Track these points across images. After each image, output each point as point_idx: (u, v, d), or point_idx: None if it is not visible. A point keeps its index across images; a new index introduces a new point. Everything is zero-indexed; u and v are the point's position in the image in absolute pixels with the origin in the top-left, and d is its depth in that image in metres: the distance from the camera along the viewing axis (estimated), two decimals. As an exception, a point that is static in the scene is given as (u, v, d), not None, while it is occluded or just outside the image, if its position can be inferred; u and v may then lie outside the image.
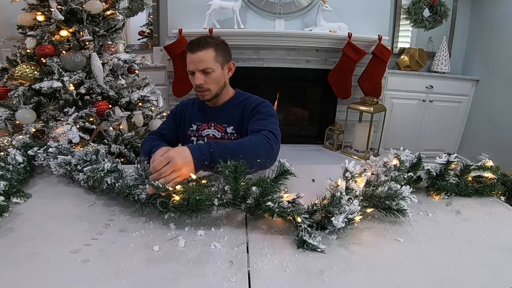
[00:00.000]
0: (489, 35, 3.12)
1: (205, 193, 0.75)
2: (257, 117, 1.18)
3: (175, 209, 0.76)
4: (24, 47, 1.72)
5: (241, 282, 0.60)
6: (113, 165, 0.90)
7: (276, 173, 0.76)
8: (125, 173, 0.91)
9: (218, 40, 1.21)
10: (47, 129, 1.67)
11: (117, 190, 0.83)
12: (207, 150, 0.89)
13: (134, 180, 0.86)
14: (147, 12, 3.20)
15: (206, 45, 1.16)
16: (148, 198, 0.79)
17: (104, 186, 0.86)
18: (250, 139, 1.00)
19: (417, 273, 0.64)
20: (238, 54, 3.03)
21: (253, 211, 0.78)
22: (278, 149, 1.07)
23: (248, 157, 0.89)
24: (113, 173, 0.88)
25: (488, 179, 0.97)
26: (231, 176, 0.76)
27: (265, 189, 0.75)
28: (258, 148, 0.98)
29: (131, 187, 0.83)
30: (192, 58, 1.17)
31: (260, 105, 1.23)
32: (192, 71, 1.19)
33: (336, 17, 3.02)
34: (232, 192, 0.77)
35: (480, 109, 3.26)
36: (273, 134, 1.07)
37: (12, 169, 0.96)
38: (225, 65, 1.24)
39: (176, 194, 0.74)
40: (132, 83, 1.99)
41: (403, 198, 0.80)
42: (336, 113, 3.37)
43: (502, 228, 0.81)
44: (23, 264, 0.63)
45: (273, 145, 1.03)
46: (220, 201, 0.77)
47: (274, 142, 1.04)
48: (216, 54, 1.18)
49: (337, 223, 0.71)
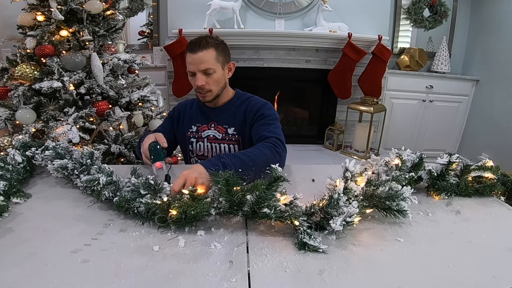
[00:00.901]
0: (489, 35, 3.12)
1: (200, 206, 0.75)
2: (262, 121, 1.19)
3: (174, 223, 0.76)
4: (24, 47, 1.72)
5: (241, 282, 0.60)
6: (108, 178, 0.88)
7: (269, 180, 0.76)
8: (122, 184, 0.89)
9: (218, 40, 1.21)
10: (47, 129, 1.67)
11: (116, 204, 0.82)
12: (218, 161, 0.92)
13: (131, 192, 0.85)
14: (147, 12, 3.20)
15: (207, 45, 1.15)
16: (148, 211, 0.79)
17: (103, 198, 0.86)
18: (258, 149, 1.03)
19: (417, 273, 0.64)
20: (238, 54, 3.03)
21: (250, 217, 0.78)
22: (285, 156, 1.11)
23: (257, 166, 0.94)
24: (110, 185, 0.87)
25: (488, 179, 0.97)
26: (224, 189, 0.76)
27: (260, 197, 0.75)
28: (267, 157, 1.00)
29: (129, 201, 0.81)
30: (193, 58, 1.15)
31: (264, 108, 1.23)
32: (193, 72, 1.17)
33: (336, 17, 3.02)
34: (227, 202, 0.77)
35: (480, 109, 3.26)
36: (280, 141, 1.10)
37: (11, 169, 0.96)
38: (226, 65, 1.23)
39: (172, 209, 0.75)
40: (132, 83, 1.99)
41: (403, 199, 0.80)
42: (336, 113, 3.37)
43: (502, 228, 0.81)
44: (23, 264, 0.63)
45: (281, 153, 1.06)
46: (216, 210, 0.78)
47: (281, 149, 1.08)
48: (217, 54, 1.17)
49: (335, 226, 0.70)
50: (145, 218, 0.79)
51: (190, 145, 1.32)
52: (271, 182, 0.76)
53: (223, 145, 1.27)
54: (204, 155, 1.30)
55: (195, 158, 1.33)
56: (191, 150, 1.32)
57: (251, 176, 0.92)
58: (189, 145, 1.32)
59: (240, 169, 0.91)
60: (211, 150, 1.29)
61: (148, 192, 0.83)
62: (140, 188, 0.84)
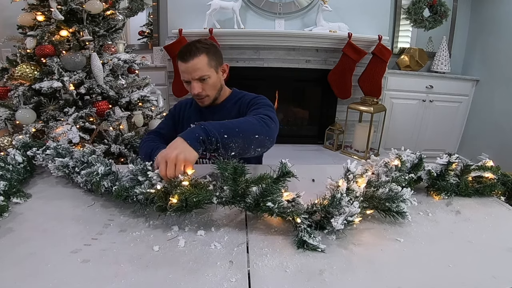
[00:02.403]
0: (489, 35, 3.12)
1: (202, 193, 0.75)
2: (253, 108, 1.17)
3: (175, 212, 0.75)
4: (24, 47, 1.72)
5: (241, 282, 0.60)
6: (107, 168, 0.89)
7: (278, 174, 0.76)
8: (121, 174, 0.90)
9: (207, 44, 1.18)
10: (47, 129, 1.67)
11: (115, 193, 0.83)
12: (198, 128, 0.86)
13: (130, 181, 0.85)
14: (147, 12, 3.20)
15: (197, 51, 1.13)
16: (146, 198, 0.79)
17: (102, 190, 0.86)
18: (244, 118, 1.00)
19: (417, 273, 0.64)
20: (238, 54, 3.03)
21: (252, 210, 0.78)
22: (276, 129, 1.05)
23: (245, 133, 0.88)
24: (109, 176, 0.87)
25: (488, 179, 0.97)
26: (230, 178, 0.76)
27: (266, 190, 0.75)
28: (254, 125, 0.95)
29: (128, 189, 0.82)
30: (186, 67, 1.14)
31: (256, 98, 1.23)
32: (188, 80, 1.16)
33: (336, 17, 3.02)
34: (231, 192, 0.77)
35: (480, 109, 3.26)
36: (268, 116, 1.03)
37: (12, 169, 0.96)
38: (219, 68, 1.22)
39: (172, 196, 0.74)
40: (132, 83, 1.99)
41: (403, 201, 0.80)
42: (336, 113, 3.37)
43: (502, 228, 0.81)
44: (23, 264, 0.63)
45: (269, 124, 1.00)
46: (219, 200, 0.77)
47: (270, 122, 1.01)
48: (208, 59, 1.15)
49: (336, 224, 0.70)
50: (145, 206, 0.79)
51: None
52: (279, 176, 0.75)
53: None
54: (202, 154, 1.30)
55: None
56: None
57: (239, 144, 0.86)
58: None
59: (225, 135, 0.86)
60: None
61: (146, 179, 0.81)
62: (138, 175, 0.83)
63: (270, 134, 0.99)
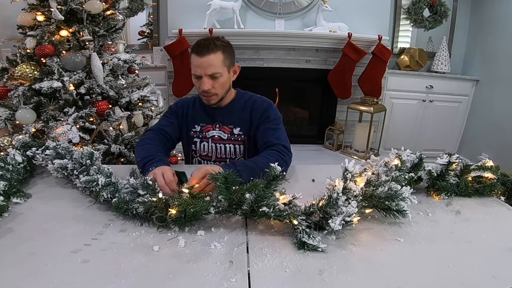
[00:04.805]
0: (489, 35, 3.12)
1: (200, 204, 0.75)
2: (268, 125, 1.22)
3: (174, 223, 0.76)
4: (24, 47, 1.72)
5: (241, 282, 0.60)
6: (107, 179, 0.88)
7: (268, 179, 0.76)
8: (120, 185, 0.88)
9: (225, 42, 1.18)
10: (47, 129, 1.67)
11: (114, 205, 0.82)
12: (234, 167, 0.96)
13: (130, 194, 0.85)
14: (147, 12, 3.20)
15: (215, 48, 1.12)
16: (146, 212, 0.78)
17: (101, 200, 0.85)
18: (266, 158, 1.06)
19: (417, 273, 0.64)
20: (238, 54, 3.00)
21: (249, 216, 0.78)
22: (290, 161, 1.15)
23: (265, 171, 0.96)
24: (109, 187, 0.86)
25: (488, 179, 0.97)
26: (222, 187, 0.77)
27: (259, 195, 0.75)
28: None
29: (128, 202, 0.81)
30: (200, 62, 1.12)
31: (269, 109, 1.27)
32: (199, 75, 1.14)
33: (336, 17, 3.01)
34: (226, 201, 0.77)
35: (480, 109, 3.26)
36: (286, 148, 1.14)
37: (12, 169, 0.96)
38: (231, 68, 1.22)
39: (171, 208, 0.75)
40: (132, 83, 1.99)
41: (403, 199, 0.80)
42: (336, 113, 3.36)
43: (502, 228, 0.81)
44: (23, 264, 0.63)
45: (287, 160, 1.12)
46: (216, 209, 0.78)
47: (287, 156, 1.13)
48: (224, 57, 1.15)
49: (334, 225, 0.70)
50: (144, 219, 0.79)
51: (193, 145, 1.30)
52: (270, 180, 0.76)
53: (229, 146, 1.27)
54: (208, 155, 1.29)
55: (198, 158, 1.31)
56: (194, 150, 1.30)
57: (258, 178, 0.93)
58: (192, 145, 1.30)
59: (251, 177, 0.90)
60: (215, 151, 1.28)
61: (147, 192, 0.83)
62: (138, 189, 0.84)
63: (286, 167, 1.11)
